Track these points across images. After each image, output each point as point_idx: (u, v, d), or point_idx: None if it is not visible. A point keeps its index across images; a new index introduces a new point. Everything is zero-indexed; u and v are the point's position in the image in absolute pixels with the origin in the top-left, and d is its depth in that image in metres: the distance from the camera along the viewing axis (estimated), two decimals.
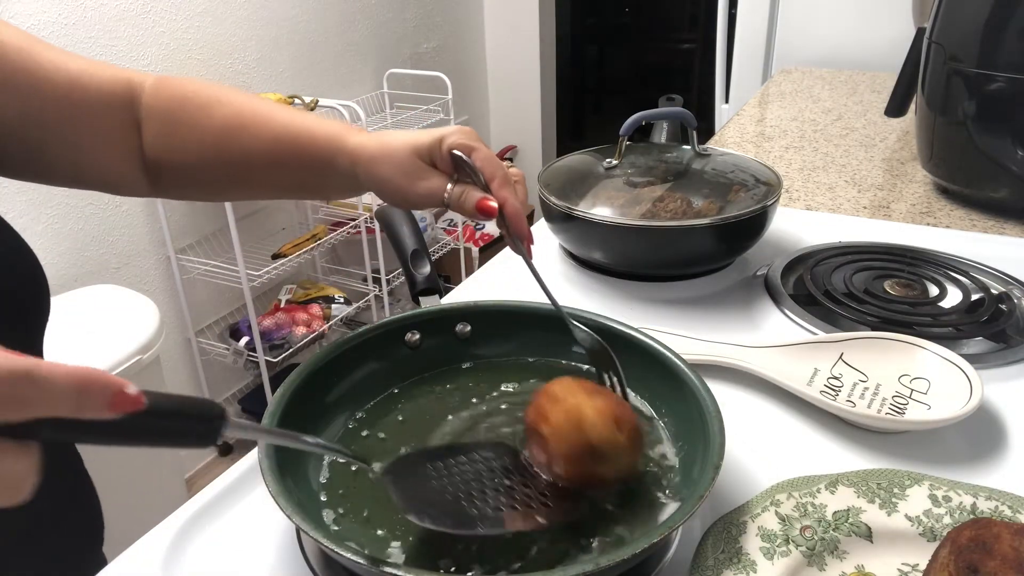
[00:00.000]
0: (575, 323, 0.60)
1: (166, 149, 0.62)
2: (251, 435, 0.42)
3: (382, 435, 0.60)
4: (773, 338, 0.77)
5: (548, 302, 0.68)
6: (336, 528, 0.51)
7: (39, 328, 0.60)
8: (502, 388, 0.65)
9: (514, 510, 0.49)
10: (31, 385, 0.29)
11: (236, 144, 0.61)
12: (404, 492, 0.48)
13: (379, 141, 0.58)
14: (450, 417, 0.62)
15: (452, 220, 2.82)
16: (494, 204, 0.55)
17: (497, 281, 0.92)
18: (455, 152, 0.56)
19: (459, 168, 0.57)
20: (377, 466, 0.49)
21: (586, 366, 0.66)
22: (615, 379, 0.59)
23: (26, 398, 0.29)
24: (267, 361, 1.98)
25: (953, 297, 0.83)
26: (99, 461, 1.50)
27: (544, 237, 1.01)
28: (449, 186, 0.56)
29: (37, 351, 0.59)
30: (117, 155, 0.62)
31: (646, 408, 0.62)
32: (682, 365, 0.59)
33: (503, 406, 0.62)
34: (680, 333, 0.74)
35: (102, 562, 0.53)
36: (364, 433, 0.60)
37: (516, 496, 0.50)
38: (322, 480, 0.55)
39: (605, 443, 0.49)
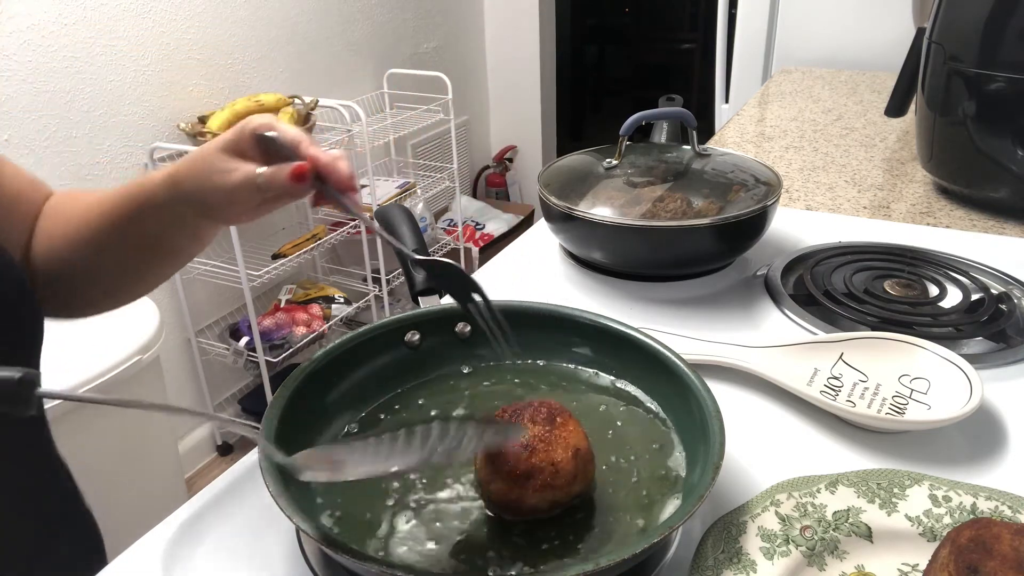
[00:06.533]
0: (417, 256, 0.58)
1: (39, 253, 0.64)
2: (69, 400, 0.44)
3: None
4: (773, 338, 0.77)
5: (547, 302, 0.68)
6: (335, 529, 0.51)
7: (35, 344, 0.60)
8: (501, 388, 0.65)
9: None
10: None
11: (85, 228, 0.60)
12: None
13: (187, 155, 0.57)
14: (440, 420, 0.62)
15: (452, 220, 2.82)
16: (303, 163, 0.52)
17: (497, 281, 0.92)
18: (258, 133, 0.54)
19: (268, 153, 0.54)
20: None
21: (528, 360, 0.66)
22: (480, 303, 0.57)
23: None
24: (267, 361, 1.98)
25: (953, 297, 0.83)
26: (99, 462, 1.50)
27: (544, 237, 1.01)
28: (260, 169, 0.53)
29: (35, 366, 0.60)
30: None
31: (655, 406, 0.62)
32: (682, 365, 0.59)
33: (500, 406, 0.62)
34: (680, 333, 0.74)
35: None
36: (364, 434, 0.60)
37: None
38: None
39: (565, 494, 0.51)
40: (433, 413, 0.63)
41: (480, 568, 0.48)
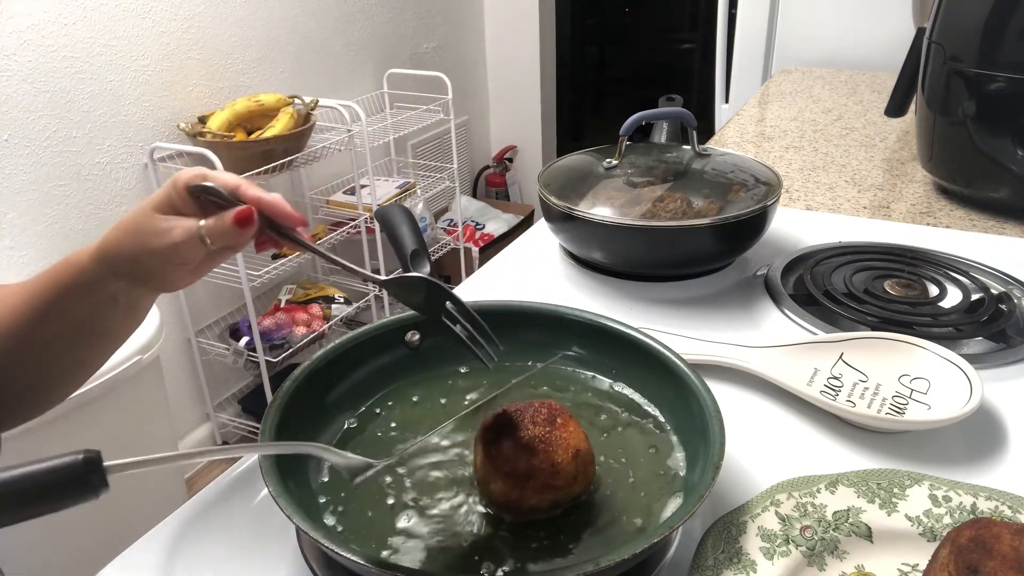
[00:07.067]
0: (380, 278, 0.56)
1: None
2: (139, 468, 0.37)
3: (380, 434, 0.60)
4: (773, 338, 0.77)
5: (547, 302, 0.68)
6: (336, 528, 0.51)
7: None
8: (500, 388, 0.65)
9: None
10: None
11: (7, 320, 0.55)
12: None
13: (114, 224, 0.53)
14: (445, 420, 0.62)
15: (452, 220, 2.82)
16: (247, 206, 0.50)
17: (497, 281, 0.92)
18: (191, 185, 0.51)
19: (205, 205, 0.52)
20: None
21: (536, 363, 0.66)
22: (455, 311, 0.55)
23: None
24: (267, 361, 1.98)
25: (953, 297, 0.83)
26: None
27: (544, 237, 1.01)
28: (202, 222, 0.50)
29: None
30: None
31: (654, 409, 0.62)
32: (682, 365, 0.59)
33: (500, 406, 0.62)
34: (680, 333, 0.74)
35: None
36: (363, 433, 0.60)
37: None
38: (322, 480, 0.55)
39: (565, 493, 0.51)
40: (443, 401, 0.63)
41: (479, 568, 0.48)
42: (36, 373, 0.58)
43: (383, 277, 0.55)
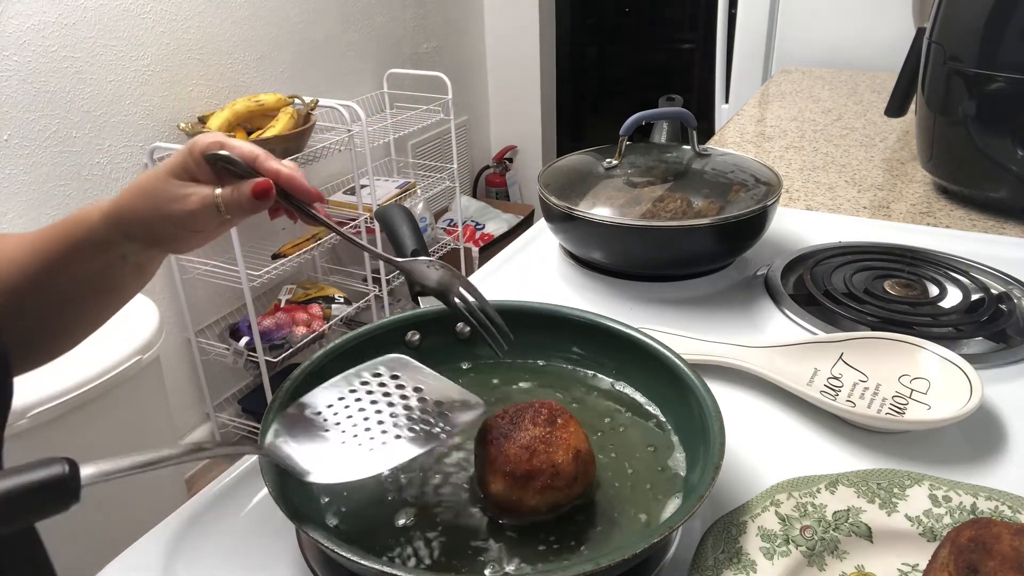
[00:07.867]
0: (397, 260, 0.59)
1: None
2: (117, 475, 0.38)
3: None
4: (773, 338, 0.77)
5: (547, 302, 0.68)
6: (342, 527, 0.51)
7: (4, 418, 0.55)
8: (500, 388, 0.65)
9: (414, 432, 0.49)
10: None
11: (15, 269, 0.55)
12: (301, 456, 0.47)
13: (128, 185, 0.52)
14: None
15: (452, 220, 2.82)
16: (266, 179, 0.50)
17: (497, 281, 0.92)
18: (208, 153, 0.51)
19: (220, 172, 0.52)
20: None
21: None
22: (468, 299, 0.57)
23: None
24: (267, 361, 1.98)
25: (953, 297, 0.83)
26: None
27: (544, 237, 1.01)
28: (218, 191, 0.51)
29: None
30: None
31: (654, 406, 0.62)
32: (682, 365, 0.59)
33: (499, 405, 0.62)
34: (680, 333, 0.74)
35: None
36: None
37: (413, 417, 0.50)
38: None
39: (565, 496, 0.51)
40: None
41: (478, 569, 0.48)
42: (40, 326, 0.58)
43: (399, 259, 0.56)
